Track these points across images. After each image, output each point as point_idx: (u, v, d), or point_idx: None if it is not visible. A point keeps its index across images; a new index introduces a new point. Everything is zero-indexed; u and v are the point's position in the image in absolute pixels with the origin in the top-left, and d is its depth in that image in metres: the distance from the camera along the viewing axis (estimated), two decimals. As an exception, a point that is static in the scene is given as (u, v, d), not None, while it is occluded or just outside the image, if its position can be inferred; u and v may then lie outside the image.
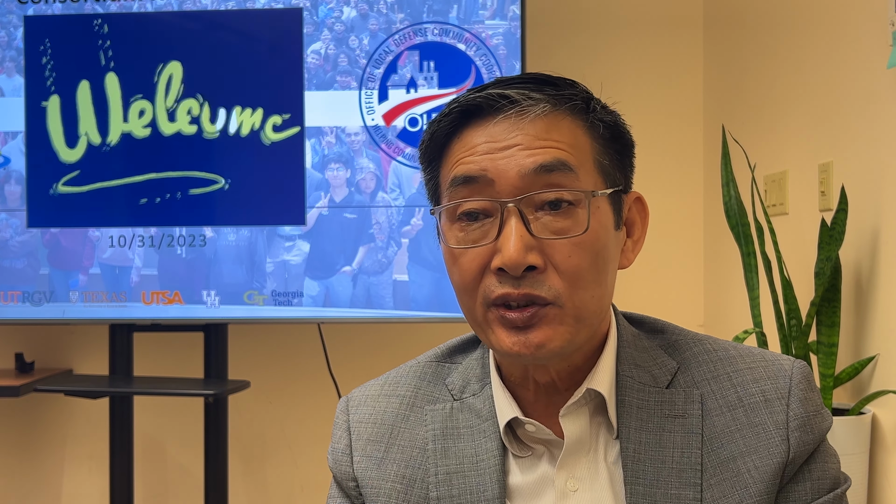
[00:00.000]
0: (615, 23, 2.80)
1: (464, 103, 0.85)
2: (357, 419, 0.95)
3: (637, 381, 0.89)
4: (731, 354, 0.91)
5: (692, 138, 2.78)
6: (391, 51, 2.39)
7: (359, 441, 0.93)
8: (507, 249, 0.81)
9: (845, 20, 1.92)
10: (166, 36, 2.44)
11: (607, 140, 0.87)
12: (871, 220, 1.81)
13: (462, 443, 0.90)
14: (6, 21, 2.46)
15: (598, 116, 0.86)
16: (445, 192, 0.87)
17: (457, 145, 0.86)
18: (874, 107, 1.79)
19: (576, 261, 0.82)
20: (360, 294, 2.39)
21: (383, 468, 0.91)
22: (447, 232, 0.86)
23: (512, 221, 0.81)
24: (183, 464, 2.81)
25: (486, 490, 0.87)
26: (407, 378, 0.96)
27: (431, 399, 0.94)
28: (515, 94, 0.83)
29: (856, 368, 1.81)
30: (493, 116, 0.84)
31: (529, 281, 0.82)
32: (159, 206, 2.44)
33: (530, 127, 0.83)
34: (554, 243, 0.82)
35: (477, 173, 0.83)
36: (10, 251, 2.46)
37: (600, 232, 0.84)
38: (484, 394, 0.91)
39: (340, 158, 2.40)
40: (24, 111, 2.45)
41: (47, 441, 2.84)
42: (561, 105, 0.84)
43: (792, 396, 0.87)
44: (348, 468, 0.92)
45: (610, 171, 0.87)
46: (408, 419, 0.93)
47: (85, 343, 2.79)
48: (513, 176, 0.82)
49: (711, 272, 2.74)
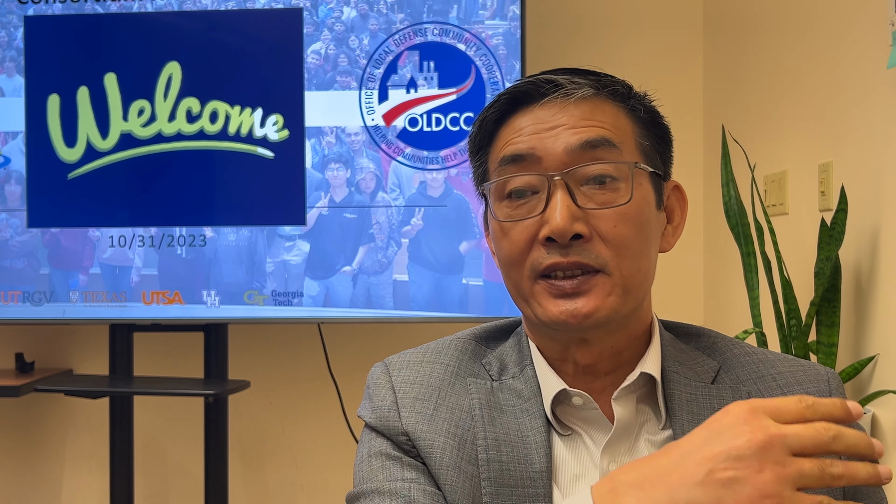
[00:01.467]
0: (615, 23, 2.80)
1: (512, 91, 0.90)
2: (401, 379, 0.93)
3: (683, 377, 0.91)
4: (769, 358, 0.94)
5: (692, 138, 2.78)
6: (391, 51, 2.39)
7: (405, 398, 0.91)
8: (554, 218, 0.84)
9: (845, 20, 1.92)
10: (166, 36, 2.44)
11: (647, 124, 0.91)
12: (871, 220, 1.81)
13: (506, 417, 0.89)
14: (6, 21, 2.46)
15: (638, 101, 0.91)
16: (494, 171, 0.90)
17: (504, 131, 0.90)
18: (874, 107, 1.79)
19: (621, 230, 0.85)
20: (360, 294, 2.39)
21: (434, 424, 0.89)
22: (496, 208, 0.89)
23: (558, 194, 0.85)
24: (183, 464, 2.81)
25: (533, 462, 0.86)
26: (449, 350, 0.96)
27: (473, 373, 0.93)
28: (561, 79, 0.88)
29: (856, 368, 1.81)
30: (539, 100, 0.88)
31: (577, 249, 0.84)
32: (159, 206, 2.44)
33: (575, 108, 0.87)
34: (599, 213, 0.85)
35: (525, 151, 0.87)
36: (10, 251, 2.46)
37: (643, 205, 0.87)
38: (525, 375, 0.92)
39: (340, 158, 2.40)
40: (24, 111, 2.45)
41: (47, 441, 2.84)
42: (603, 90, 0.89)
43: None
44: (397, 423, 0.90)
45: (650, 153, 0.90)
46: (453, 385, 0.92)
47: (85, 343, 2.79)
48: (559, 152, 0.86)
49: (711, 272, 2.74)
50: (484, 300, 2.37)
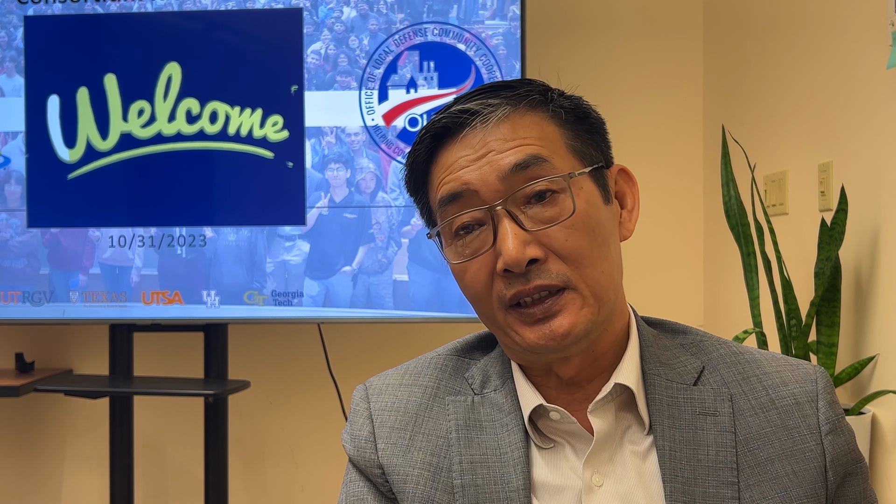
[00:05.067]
0: (615, 23, 2.80)
1: (432, 128, 0.89)
2: (379, 407, 0.93)
3: (664, 379, 0.90)
4: (756, 357, 0.93)
5: (692, 138, 2.78)
6: (391, 51, 2.39)
7: (382, 428, 0.92)
8: (507, 250, 0.83)
9: (845, 20, 1.92)
10: (166, 36, 2.44)
11: (573, 123, 0.89)
12: (871, 220, 1.81)
13: (485, 435, 0.89)
14: (6, 21, 2.46)
15: (557, 104, 0.89)
16: (437, 213, 0.90)
17: (436, 169, 0.90)
18: (874, 107, 1.79)
19: (574, 242, 0.84)
20: (360, 294, 2.39)
21: (409, 455, 0.90)
22: (448, 251, 0.89)
23: (504, 223, 0.84)
24: (183, 464, 2.81)
25: (510, 481, 0.87)
26: (428, 369, 0.96)
27: (453, 391, 0.93)
28: (474, 105, 0.87)
29: (856, 368, 1.81)
30: (460, 131, 0.87)
31: (536, 273, 0.84)
32: (159, 206, 2.44)
33: (496, 131, 0.86)
34: (548, 231, 0.84)
35: (460, 188, 0.86)
36: (10, 251, 2.46)
37: (589, 210, 0.86)
38: (505, 388, 0.92)
39: (340, 158, 2.40)
40: (24, 111, 2.45)
41: (47, 441, 2.84)
42: (519, 103, 0.88)
43: (820, 400, 0.89)
44: (372, 455, 0.91)
45: (584, 151, 0.89)
46: (431, 409, 0.92)
47: (85, 343, 2.79)
48: (493, 180, 0.85)
49: (711, 272, 2.74)
50: (484, 300, 2.37)
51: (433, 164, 0.90)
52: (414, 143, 0.91)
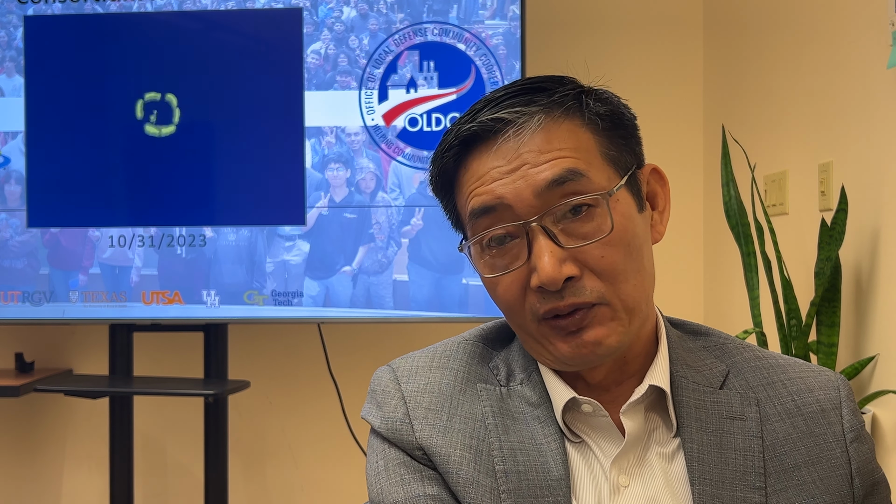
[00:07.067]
0: (615, 23, 2.80)
1: (462, 134, 0.86)
2: (412, 388, 0.91)
3: (691, 381, 0.89)
4: (780, 363, 0.93)
5: (692, 138, 2.78)
6: (391, 51, 2.39)
7: (417, 409, 0.89)
8: (543, 268, 0.82)
9: (845, 20, 1.92)
10: (166, 36, 2.43)
11: (609, 130, 0.86)
12: (871, 220, 1.81)
13: (518, 425, 0.88)
14: (6, 21, 2.46)
15: (593, 111, 0.86)
16: (467, 224, 0.88)
17: (465, 176, 0.87)
18: (874, 107, 1.79)
19: (610, 259, 0.83)
20: (360, 294, 2.39)
21: (449, 437, 0.87)
22: (479, 263, 0.88)
23: (540, 240, 0.82)
24: (183, 464, 2.81)
25: (550, 470, 0.85)
26: (457, 353, 0.93)
27: (482, 378, 0.91)
28: (507, 114, 0.84)
29: (856, 368, 1.81)
30: (493, 140, 0.84)
31: (571, 290, 0.83)
32: (159, 205, 2.44)
33: (531, 143, 0.83)
34: (584, 249, 0.83)
35: (493, 202, 0.84)
36: (10, 251, 2.46)
37: (626, 224, 0.84)
38: (531, 382, 0.90)
39: (340, 158, 2.40)
40: (24, 111, 2.45)
41: (47, 441, 2.84)
42: (555, 111, 0.84)
43: (844, 408, 0.90)
44: (410, 437, 0.88)
45: (619, 158, 0.86)
46: (465, 392, 0.90)
47: (85, 343, 2.79)
48: (528, 196, 0.83)
49: (711, 272, 2.74)
50: (484, 300, 2.37)
51: (462, 170, 0.87)
52: (441, 146, 0.88)
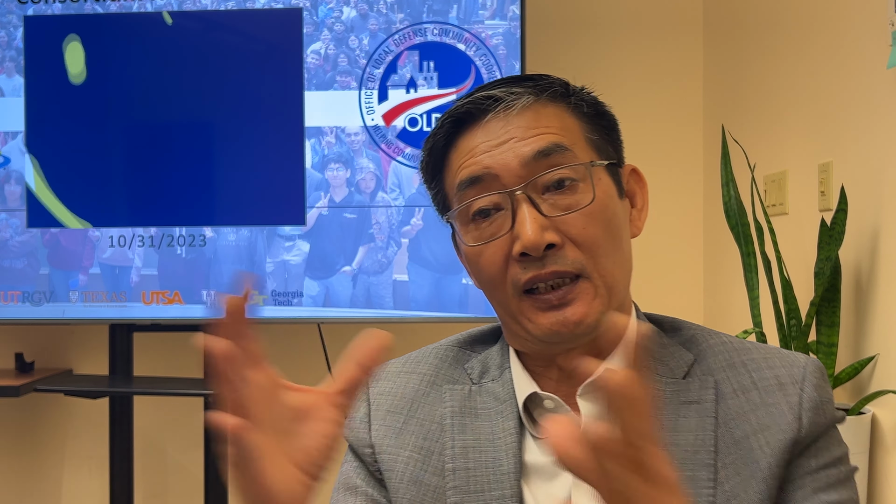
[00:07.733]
0: (615, 23, 2.80)
1: (454, 113, 0.90)
2: (377, 391, 0.96)
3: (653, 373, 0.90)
4: (746, 346, 0.93)
5: (692, 138, 2.78)
6: (391, 51, 2.39)
7: (378, 411, 0.94)
8: (525, 233, 0.84)
9: (845, 20, 1.92)
10: (166, 36, 2.43)
11: (592, 117, 0.91)
12: (871, 220, 1.81)
13: (479, 421, 0.91)
14: (6, 21, 2.46)
15: (578, 97, 0.91)
16: (454, 197, 0.91)
17: (455, 154, 0.91)
18: (874, 107, 1.79)
19: (591, 230, 0.86)
20: (359, 294, 2.39)
21: (401, 438, 0.92)
22: (464, 234, 0.90)
23: (523, 207, 0.85)
24: (183, 464, 2.81)
25: (501, 465, 0.88)
26: (428, 358, 0.98)
27: (451, 380, 0.95)
28: (499, 92, 0.89)
29: (855, 368, 1.81)
30: (483, 117, 0.89)
31: (552, 258, 0.85)
32: (159, 205, 2.44)
33: (519, 119, 0.88)
34: (566, 218, 0.86)
35: (481, 172, 0.87)
36: (10, 251, 2.46)
37: (607, 201, 0.88)
38: (503, 378, 0.93)
39: (340, 158, 2.40)
40: (24, 111, 2.45)
41: (47, 441, 2.84)
42: (542, 94, 0.89)
43: (806, 382, 0.87)
44: (365, 435, 0.93)
45: (601, 145, 0.91)
46: (428, 395, 0.94)
47: (85, 343, 2.79)
48: (515, 166, 0.86)
49: (711, 272, 2.74)
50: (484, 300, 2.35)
51: (452, 150, 0.91)
52: (434, 128, 0.92)
